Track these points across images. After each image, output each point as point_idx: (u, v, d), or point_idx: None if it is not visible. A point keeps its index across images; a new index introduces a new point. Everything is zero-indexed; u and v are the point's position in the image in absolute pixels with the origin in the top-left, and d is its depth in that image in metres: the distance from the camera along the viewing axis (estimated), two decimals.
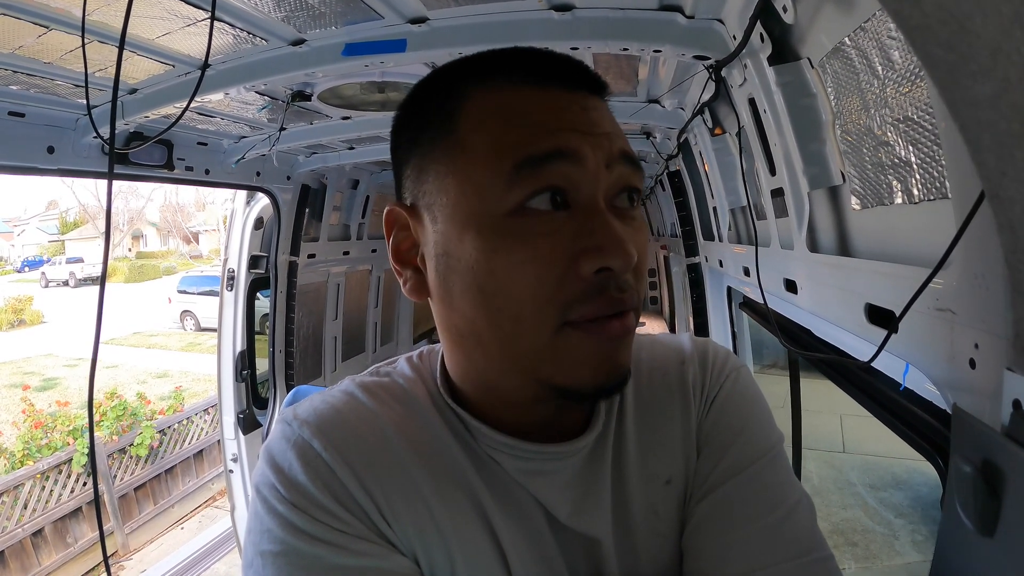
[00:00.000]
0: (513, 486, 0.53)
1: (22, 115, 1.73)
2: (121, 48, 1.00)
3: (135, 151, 2.08)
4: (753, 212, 1.64)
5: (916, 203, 0.79)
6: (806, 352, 1.29)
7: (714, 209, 2.27)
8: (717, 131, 1.82)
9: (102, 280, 0.95)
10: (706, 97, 1.56)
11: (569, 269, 0.46)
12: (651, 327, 5.85)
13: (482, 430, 0.53)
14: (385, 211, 0.55)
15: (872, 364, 0.82)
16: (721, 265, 2.35)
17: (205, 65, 1.21)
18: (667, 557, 0.56)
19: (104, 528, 4.68)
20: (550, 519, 0.53)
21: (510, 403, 0.52)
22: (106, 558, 1.21)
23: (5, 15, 1.22)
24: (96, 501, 1.10)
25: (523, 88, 0.49)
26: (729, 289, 2.73)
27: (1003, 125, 0.36)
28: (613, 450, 0.57)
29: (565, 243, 0.46)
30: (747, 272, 1.70)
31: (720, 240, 2.25)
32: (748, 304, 2.45)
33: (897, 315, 0.72)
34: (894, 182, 0.84)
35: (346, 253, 3.89)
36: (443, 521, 0.50)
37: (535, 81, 0.49)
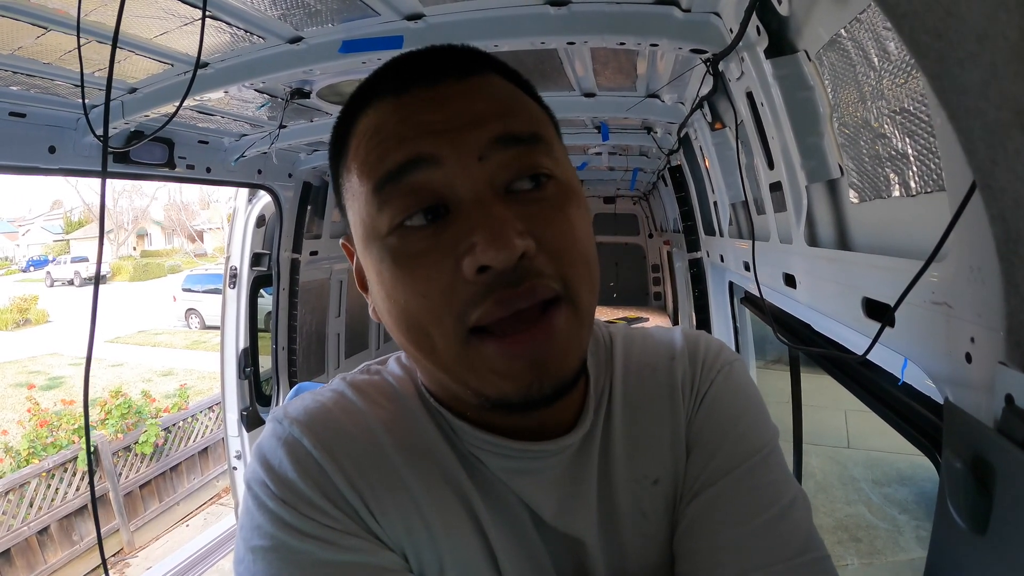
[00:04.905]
0: (498, 485, 0.52)
1: (23, 115, 1.74)
2: (114, 47, 1.00)
3: (135, 150, 2.09)
4: (752, 206, 1.63)
5: (914, 196, 0.78)
6: (803, 346, 1.28)
7: (715, 204, 2.26)
8: (717, 126, 1.81)
9: (96, 279, 0.95)
10: (704, 91, 1.56)
11: (456, 276, 0.43)
12: (655, 322, 5.84)
13: (465, 429, 0.52)
14: (341, 243, 0.57)
15: (871, 359, 0.82)
16: (722, 260, 2.34)
17: (197, 64, 1.21)
18: (656, 559, 0.55)
19: (109, 526, 4.69)
20: (535, 518, 0.53)
21: (475, 406, 0.50)
22: (104, 561, 1.21)
23: (3, 16, 1.22)
24: (93, 503, 1.11)
25: (386, 101, 0.48)
26: (731, 284, 2.72)
27: (992, 113, 0.35)
28: (600, 449, 0.56)
29: (447, 250, 0.43)
30: (748, 267, 1.69)
31: (721, 235, 2.24)
32: (749, 299, 2.44)
33: (892, 308, 0.71)
34: (891, 175, 0.83)
35: None
36: (431, 518, 0.50)
37: (398, 89, 0.48)
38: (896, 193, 0.83)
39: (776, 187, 1.27)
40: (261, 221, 3.30)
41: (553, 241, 0.44)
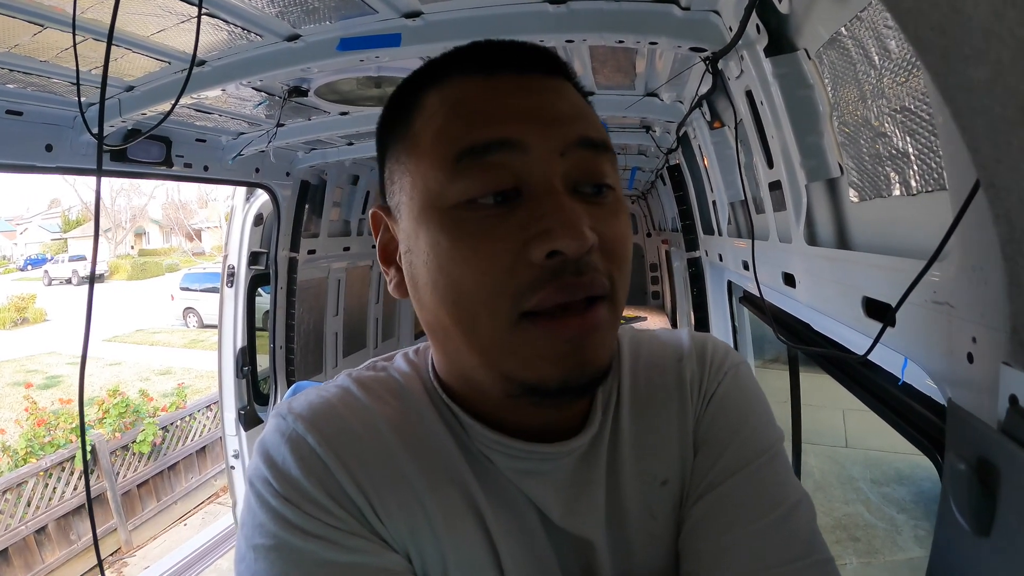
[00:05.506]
0: (506, 484, 0.52)
1: (20, 113, 1.73)
2: (109, 44, 0.99)
3: (132, 148, 2.08)
4: (751, 205, 1.62)
5: (914, 195, 0.78)
6: (803, 346, 1.28)
7: (713, 203, 2.26)
8: (716, 124, 1.80)
9: (91, 278, 0.95)
10: (704, 90, 1.55)
11: (520, 258, 0.44)
12: (653, 322, 5.84)
13: (475, 427, 0.52)
14: (370, 212, 0.56)
15: (871, 358, 0.81)
16: (721, 259, 2.34)
17: (193, 61, 1.20)
18: (663, 559, 0.55)
19: (107, 525, 4.68)
20: (543, 518, 0.52)
21: (493, 400, 0.50)
22: (100, 562, 1.20)
23: (0, 13, 1.22)
24: (89, 504, 1.11)
25: (471, 79, 0.49)
26: (730, 283, 2.72)
27: (997, 111, 0.35)
28: (608, 451, 0.56)
29: (514, 232, 0.44)
30: (746, 266, 1.69)
31: (720, 234, 2.24)
32: (748, 298, 2.44)
33: (894, 308, 0.70)
34: (892, 174, 0.82)
35: (346, 249, 3.88)
36: (436, 518, 0.49)
37: (483, 70, 0.49)
38: (896, 192, 0.83)
39: (775, 186, 1.27)
40: (259, 220, 3.29)
41: (608, 242, 0.46)
